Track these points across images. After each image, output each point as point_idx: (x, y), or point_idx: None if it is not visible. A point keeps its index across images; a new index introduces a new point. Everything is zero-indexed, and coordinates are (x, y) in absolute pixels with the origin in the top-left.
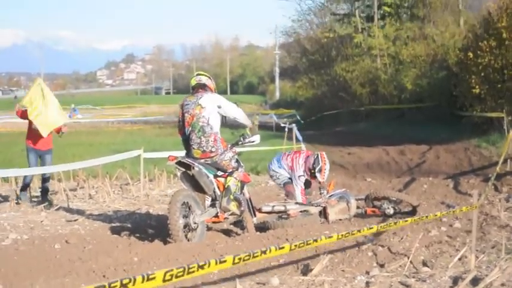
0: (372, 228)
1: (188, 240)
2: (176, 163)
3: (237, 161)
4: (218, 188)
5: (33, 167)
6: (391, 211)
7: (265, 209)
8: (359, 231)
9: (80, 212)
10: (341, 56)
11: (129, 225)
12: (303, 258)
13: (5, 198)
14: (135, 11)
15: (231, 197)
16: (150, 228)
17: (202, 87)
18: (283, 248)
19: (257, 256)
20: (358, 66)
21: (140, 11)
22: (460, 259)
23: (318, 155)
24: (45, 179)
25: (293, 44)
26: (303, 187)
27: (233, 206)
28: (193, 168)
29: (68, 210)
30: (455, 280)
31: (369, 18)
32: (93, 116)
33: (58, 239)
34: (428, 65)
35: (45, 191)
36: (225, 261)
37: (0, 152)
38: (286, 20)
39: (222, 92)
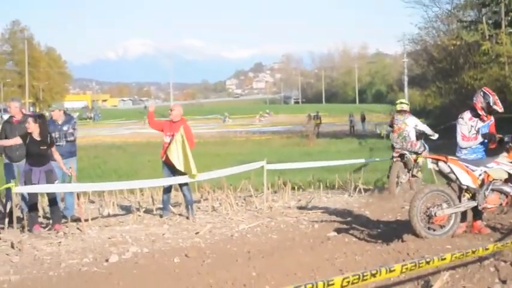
0: (497, 245)
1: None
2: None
3: None
4: None
5: (158, 179)
6: None
7: None
8: (485, 248)
9: (202, 225)
10: (469, 64)
11: (250, 238)
12: (423, 274)
13: (129, 210)
14: (264, 19)
15: None
16: (271, 241)
17: (405, 111)
18: (393, 270)
19: (366, 279)
20: (486, 74)
21: (268, 20)
22: None
23: (482, 90)
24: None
25: (420, 51)
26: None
27: None
28: None
29: (191, 223)
30: None
31: (497, 25)
32: (221, 126)
33: (178, 252)
34: None
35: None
36: (333, 283)
37: (127, 163)
38: (413, 28)
39: (350, 100)
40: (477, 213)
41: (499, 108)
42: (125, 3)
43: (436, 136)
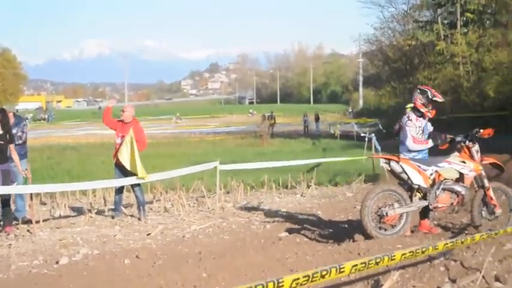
0: (446, 245)
1: None
2: None
3: None
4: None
5: (111, 180)
6: None
7: None
8: (435, 247)
9: (153, 226)
10: (423, 64)
11: (201, 239)
12: (373, 273)
13: (81, 212)
14: (219, 20)
15: None
16: (223, 242)
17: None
18: (343, 269)
19: (316, 280)
20: (440, 74)
21: (224, 20)
22: None
23: (418, 88)
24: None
25: (375, 51)
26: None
27: None
28: None
29: (142, 224)
30: None
31: (452, 25)
32: (175, 127)
33: (129, 253)
34: (511, 71)
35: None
36: (282, 283)
37: (80, 164)
38: (369, 28)
39: (305, 101)
40: (425, 212)
41: (439, 98)
42: (80, 3)
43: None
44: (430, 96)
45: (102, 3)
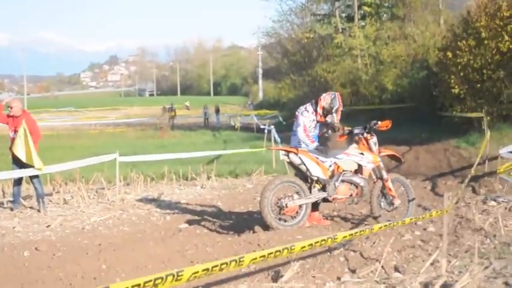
0: (345, 236)
1: None
2: None
3: None
4: None
5: (10, 171)
6: None
7: None
8: (334, 238)
9: (53, 218)
10: (322, 57)
11: (101, 231)
12: (274, 264)
13: None
14: (119, 11)
15: None
16: (122, 234)
17: None
18: (242, 262)
19: (215, 271)
20: (339, 67)
21: (124, 12)
22: (432, 264)
23: (335, 94)
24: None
25: (274, 44)
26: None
27: None
28: None
29: (42, 216)
30: (426, 286)
31: (349, 19)
32: (76, 118)
33: (28, 246)
34: (409, 65)
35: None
36: (182, 275)
37: None
38: (267, 21)
39: (205, 93)
40: (315, 204)
41: (337, 118)
42: None
43: None
44: (334, 110)
45: None
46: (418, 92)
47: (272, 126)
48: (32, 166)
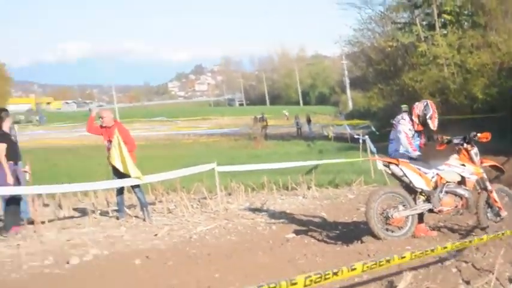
0: (454, 243)
1: None
2: None
3: None
4: None
5: (110, 181)
6: None
7: None
8: (444, 247)
9: (159, 227)
10: (407, 66)
11: (208, 240)
12: (387, 274)
13: (84, 213)
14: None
15: None
16: (230, 243)
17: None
18: (354, 269)
19: (328, 278)
20: (425, 76)
21: (204, 20)
22: None
23: (427, 102)
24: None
25: (358, 53)
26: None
27: None
28: None
29: (148, 225)
30: None
31: (430, 27)
32: (168, 128)
33: (138, 254)
34: (495, 73)
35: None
36: (296, 283)
37: (77, 166)
38: (348, 29)
39: (294, 102)
40: (420, 216)
41: (433, 124)
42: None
43: None
44: (428, 116)
45: (82, 4)
46: (508, 100)
47: (367, 136)
48: (130, 176)
